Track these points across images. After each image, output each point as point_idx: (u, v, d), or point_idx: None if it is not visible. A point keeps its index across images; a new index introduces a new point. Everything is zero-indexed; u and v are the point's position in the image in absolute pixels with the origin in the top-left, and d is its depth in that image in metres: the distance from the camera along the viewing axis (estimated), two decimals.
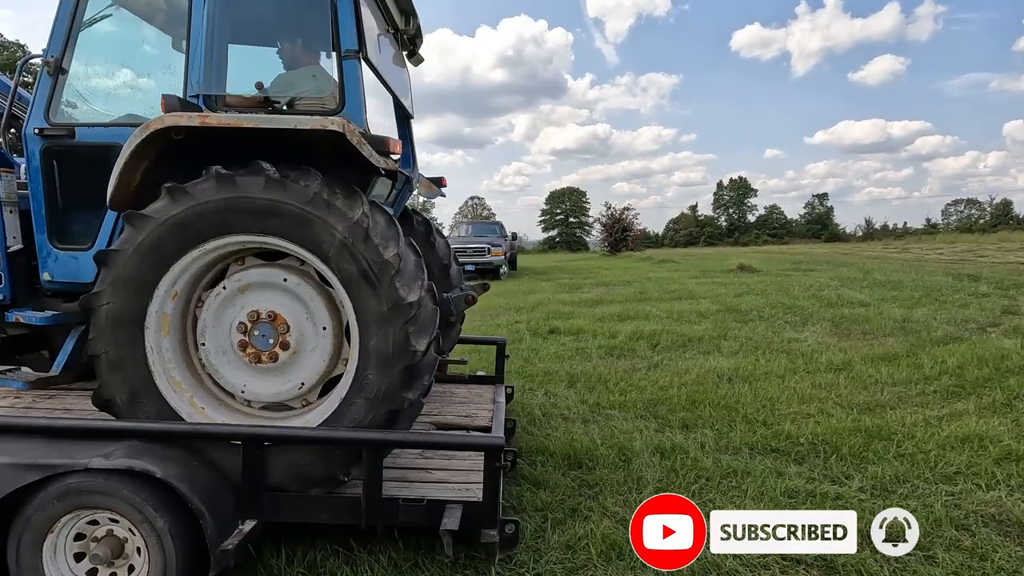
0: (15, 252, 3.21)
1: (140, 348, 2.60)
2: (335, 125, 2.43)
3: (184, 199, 2.52)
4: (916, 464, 3.81)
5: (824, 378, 5.85)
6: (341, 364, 2.77)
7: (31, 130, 3.02)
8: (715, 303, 11.22)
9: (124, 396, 2.62)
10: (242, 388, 2.74)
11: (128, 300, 2.57)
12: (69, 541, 2.39)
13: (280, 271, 2.69)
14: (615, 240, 35.41)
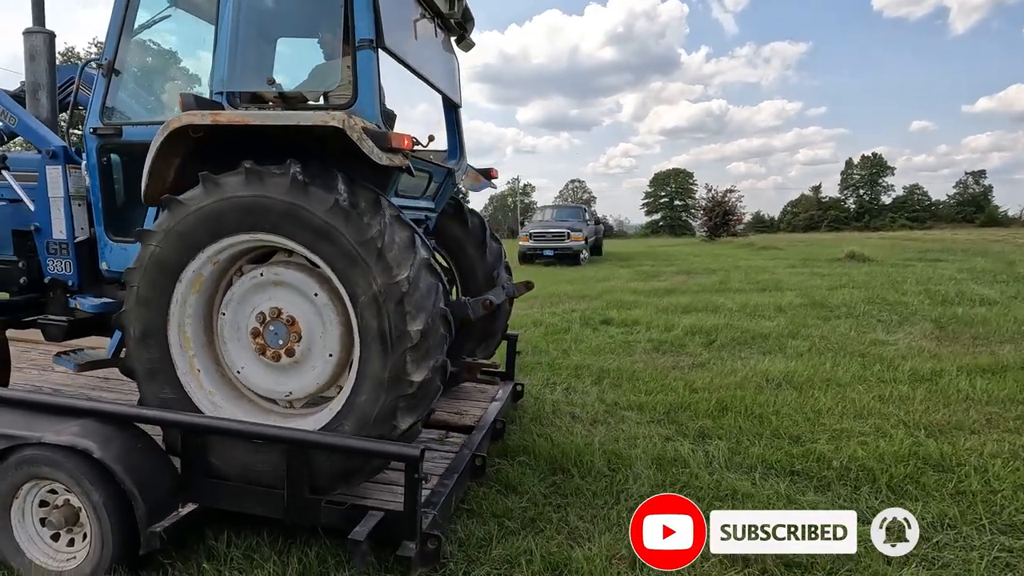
0: (81, 242, 3.49)
1: (168, 295, 2.69)
2: (335, 121, 2.38)
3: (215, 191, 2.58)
4: (974, 506, 3.10)
5: (898, 390, 5.00)
6: (335, 389, 2.78)
7: (88, 129, 3.24)
8: (801, 296, 10.11)
9: (137, 332, 2.71)
10: (239, 368, 2.81)
11: (174, 249, 2.65)
12: (35, 507, 2.62)
13: (315, 284, 2.66)
14: (715, 225, 33.23)
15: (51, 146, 3.42)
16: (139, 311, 2.69)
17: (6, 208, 3.73)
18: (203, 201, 2.55)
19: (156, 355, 2.71)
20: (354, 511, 2.51)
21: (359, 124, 2.43)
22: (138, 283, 2.67)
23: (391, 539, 2.48)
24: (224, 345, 2.81)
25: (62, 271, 3.52)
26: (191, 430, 2.63)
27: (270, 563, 2.59)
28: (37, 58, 3.70)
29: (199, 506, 2.65)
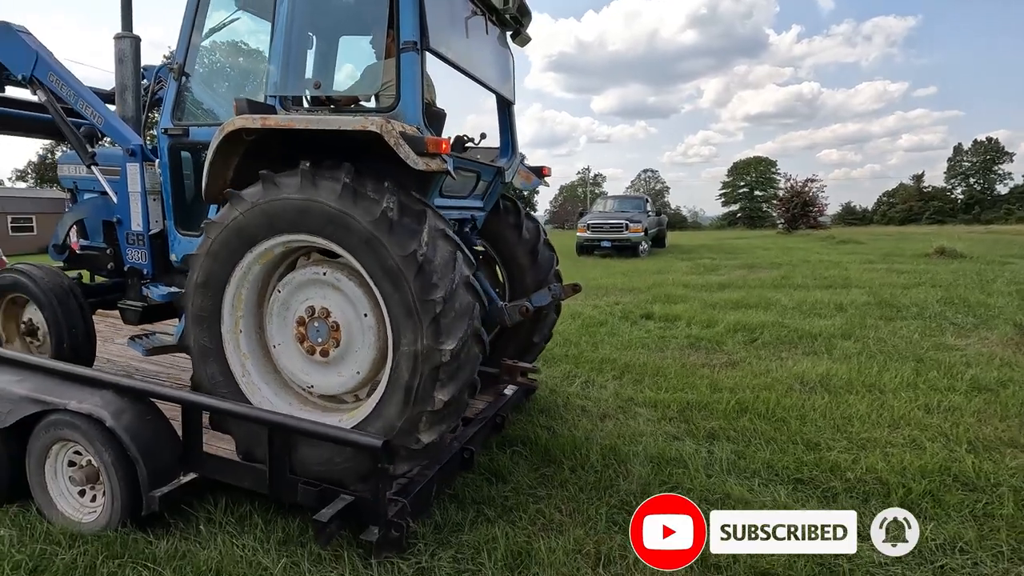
0: (155, 234, 3.74)
1: (223, 283, 2.84)
2: (373, 126, 2.47)
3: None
4: (998, 531, 2.80)
5: (951, 399, 4.55)
6: (352, 396, 2.93)
7: (160, 129, 3.46)
8: (869, 294, 9.36)
9: (194, 314, 2.89)
10: (275, 344, 2.95)
11: (232, 241, 2.78)
12: (64, 466, 2.98)
13: (367, 304, 2.74)
14: (792, 216, 31.23)
15: (130, 144, 3.68)
16: (196, 296, 2.88)
17: (97, 200, 4.06)
18: (261, 199, 2.68)
19: (208, 336, 2.89)
20: (328, 493, 2.66)
21: (396, 129, 2.48)
22: (198, 270, 2.85)
23: (358, 523, 2.62)
24: (270, 320, 2.94)
25: (139, 260, 3.81)
26: (191, 407, 2.88)
27: (258, 529, 2.80)
28: (125, 61, 3.99)
29: (198, 476, 2.91)
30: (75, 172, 4.24)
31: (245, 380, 2.94)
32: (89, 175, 3.99)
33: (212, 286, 2.85)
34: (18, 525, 2.85)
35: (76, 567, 2.52)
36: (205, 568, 2.48)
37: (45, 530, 2.78)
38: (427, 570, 2.54)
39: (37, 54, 3.84)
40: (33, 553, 2.59)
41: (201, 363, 2.94)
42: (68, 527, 2.79)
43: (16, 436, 2.94)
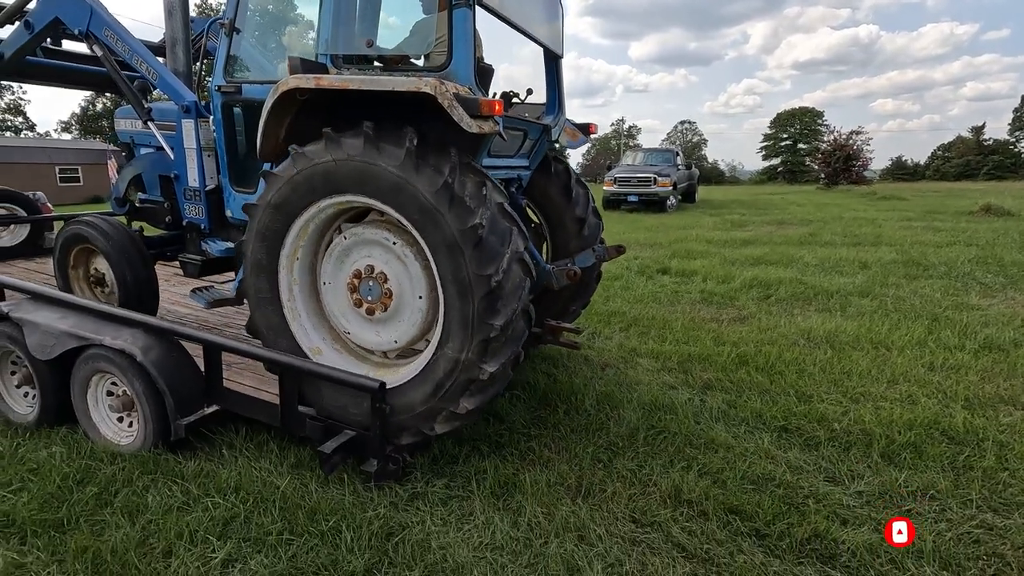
0: (211, 190, 3.78)
1: (282, 235, 2.91)
2: (427, 87, 2.42)
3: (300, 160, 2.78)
4: (973, 481, 2.88)
5: (958, 358, 4.53)
6: (392, 353, 3.06)
7: (213, 86, 3.44)
8: (897, 252, 9.10)
9: (253, 263, 2.99)
10: (326, 281, 3.03)
11: (292, 196, 2.83)
12: (104, 395, 3.32)
13: (424, 281, 2.79)
14: (833, 171, 29.86)
15: (185, 100, 3.68)
16: (256, 244, 2.97)
17: (154, 155, 4.14)
18: (323, 157, 2.70)
19: (265, 284, 3.01)
20: (332, 428, 2.92)
21: (450, 90, 2.43)
22: (258, 219, 2.93)
23: (359, 455, 2.87)
24: (325, 266, 3.01)
25: (196, 216, 3.89)
26: (212, 348, 3.14)
27: (273, 455, 3.10)
28: (174, 14, 3.96)
29: (219, 409, 3.20)
30: (132, 127, 4.34)
31: (296, 325, 3.07)
32: (145, 130, 4.05)
33: (270, 237, 2.94)
34: (67, 443, 3.22)
35: (116, 480, 2.86)
36: (226, 485, 2.79)
37: (89, 449, 3.14)
38: (421, 494, 2.79)
39: (92, 8, 3.88)
40: (80, 467, 2.95)
41: (258, 309, 3.08)
42: (109, 447, 3.14)
43: (60, 367, 3.28)
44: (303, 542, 2.41)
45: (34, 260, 6.20)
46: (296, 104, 2.80)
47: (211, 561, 2.31)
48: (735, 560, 2.32)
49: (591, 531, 2.50)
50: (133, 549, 2.35)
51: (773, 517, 2.58)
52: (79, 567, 2.26)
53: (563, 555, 2.35)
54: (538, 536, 2.48)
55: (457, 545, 2.41)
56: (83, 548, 2.35)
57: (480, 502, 2.72)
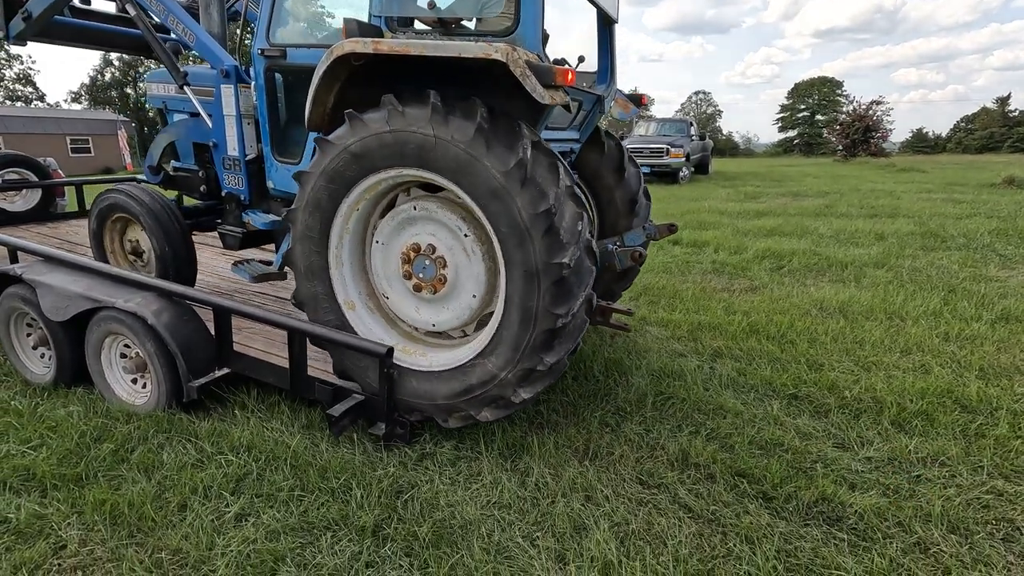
0: (251, 160, 3.61)
1: (334, 206, 2.80)
2: (498, 54, 2.24)
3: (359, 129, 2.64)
4: (984, 449, 2.86)
5: (975, 328, 4.46)
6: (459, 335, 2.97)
7: (256, 50, 3.25)
8: (915, 224, 8.92)
9: (301, 233, 2.89)
10: (379, 240, 2.92)
11: (348, 166, 2.71)
12: (117, 356, 3.37)
13: (482, 268, 2.71)
14: (852, 143, 29.14)
15: (224, 65, 3.47)
16: (305, 215, 2.85)
17: (189, 122, 3.96)
18: (383, 127, 2.54)
19: (314, 255, 2.91)
20: (341, 391, 2.94)
21: (522, 58, 2.26)
22: (310, 188, 2.79)
23: (368, 419, 2.90)
24: (383, 225, 2.89)
25: (236, 186, 3.71)
26: (222, 312, 3.16)
27: (284, 416, 3.14)
28: None
29: (230, 371, 3.24)
30: (164, 91, 4.15)
31: (340, 285, 2.96)
32: (179, 95, 3.88)
33: (323, 207, 2.81)
34: (84, 403, 3.28)
35: (132, 438, 2.91)
36: (239, 444, 2.83)
37: (105, 408, 3.20)
38: (430, 455, 2.82)
39: None
40: (97, 425, 3.01)
41: (305, 281, 2.99)
42: (124, 407, 3.20)
43: (74, 329, 3.32)
44: (314, 498, 2.45)
45: (46, 224, 6.25)
46: (347, 70, 2.63)
47: (225, 515, 2.36)
48: (741, 521, 2.33)
49: (598, 492, 2.52)
50: (149, 502, 2.40)
51: (780, 480, 2.58)
52: (97, 518, 2.32)
53: (570, 514, 2.37)
54: (545, 496, 2.51)
55: (465, 503, 2.45)
56: (101, 501, 2.40)
57: (488, 463, 2.74)
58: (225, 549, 2.15)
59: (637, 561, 2.11)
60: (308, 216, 2.86)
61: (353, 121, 2.63)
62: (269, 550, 2.14)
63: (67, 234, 5.81)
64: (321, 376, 3.06)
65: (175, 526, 2.30)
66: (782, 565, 2.11)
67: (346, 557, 2.13)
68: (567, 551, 2.19)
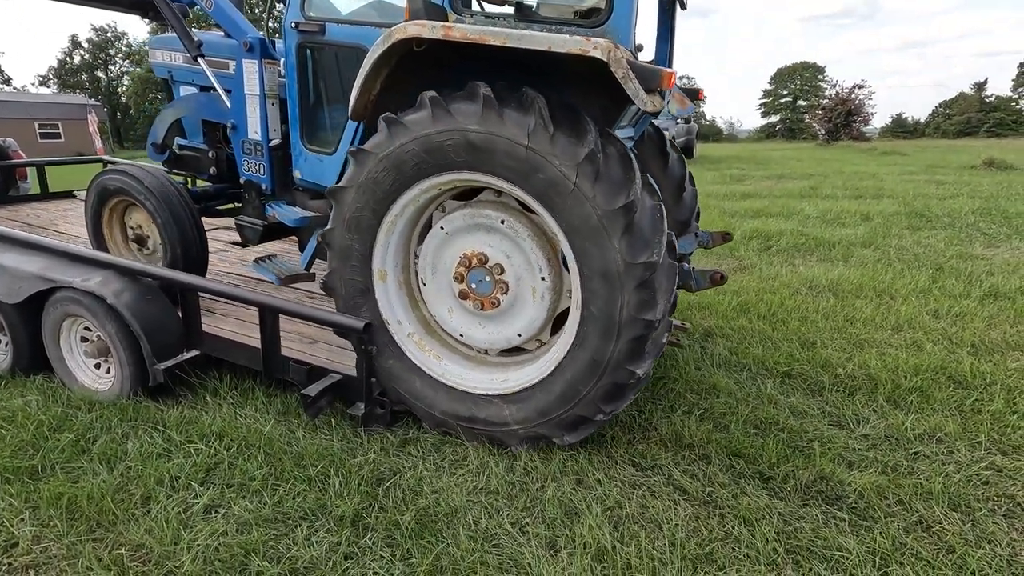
0: (275, 146, 3.24)
1: (377, 221, 2.55)
2: (598, 51, 2.00)
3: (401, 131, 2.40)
4: (981, 424, 2.80)
5: (964, 305, 4.43)
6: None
7: (288, 23, 2.88)
8: (900, 204, 8.94)
9: (341, 252, 2.62)
10: (424, 281, 2.71)
11: (391, 175, 2.45)
12: (78, 340, 3.17)
13: (545, 263, 2.46)
14: (835, 127, 29.31)
15: (248, 37, 3.10)
16: (344, 233, 2.57)
17: (200, 97, 3.59)
18: (429, 128, 2.30)
19: (359, 277, 2.64)
20: (317, 372, 2.79)
21: (625, 58, 2.03)
22: (347, 204, 2.53)
23: (347, 399, 2.75)
24: (424, 255, 2.67)
25: (256, 173, 3.32)
26: (187, 289, 2.97)
27: (259, 402, 2.98)
28: None
29: (199, 354, 3.06)
30: (170, 60, 3.74)
31: (398, 330, 2.72)
32: (189, 65, 3.53)
33: (362, 225, 2.54)
34: (43, 391, 3.08)
35: (94, 427, 2.73)
36: (209, 431, 2.67)
37: (67, 397, 3.01)
38: (413, 440, 2.69)
39: None
40: (56, 415, 2.81)
41: (349, 303, 2.70)
42: (86, 395, 3.01)
43: (30, 311, 3.11)
44: (289, 487, 2.31)
45: (5, 207, 5.93)
46: (398, 55, 2.34)
47: (193, 507, 2.20)
48: (739, 502, 2.24)
49: (589, 475, 2.41)
50: (110, 495, 2.23)
51: (777, 460, 2.50)
52: (53, 513, 2.15)
53: (560, 498, 2.26)
54: (534, 480, 2.39)
55: (450, 489, 2.32)
56: (58, 495, 2.23)
57: (475, 447, 2.62)
58: (192, 543, 2.00)
59: (632, 546, 2.01)
60: (347, 235, 2.58)
61: (393, 125, 2.36)
62: (240, 543, 2.00)
63: (27, 216, 5.52)
64: (296, 356, 2.90)
65: (138, 520, 2.14)
66: (783, 547, 2.02)
67: (323, 548, 2.00)
68: (558, 537, 2.08)
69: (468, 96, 2.23)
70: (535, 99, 2.17)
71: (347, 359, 2.93)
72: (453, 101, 2.25)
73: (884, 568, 1.93)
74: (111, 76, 53.64)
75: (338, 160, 2.91)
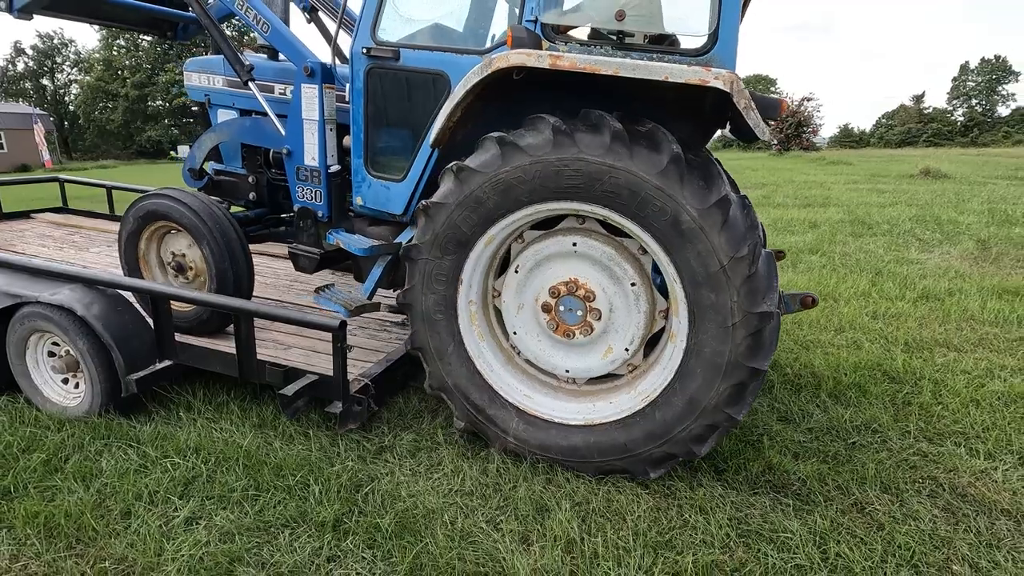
0: (334, 173, 3.17)
1: (470, 245, 2.53)
2: (720, 82, 1.98)
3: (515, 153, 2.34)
4: (910, 415, 3.09)
5: (899, 307, 4.80)
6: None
7: (358, 48, 2.82)
8: (845, 212, 9.49)
9: (428, 272, 2.59)
10: (515, 330, 2.71)
11: (493, 197, 2.41)
12: (44, 356, 3.15)
13: (644, 296, 2.48)
14: (786, 137, 30.67)
15: (308, 61, 3.04)
16: (433, 249, 2.54)
17: (243, 121, 3.51)
18: (503, 166, 2.29)
19: (442, 294, 2.60)
20: (293, 373, 2.86)
21: (746, 89, 2.02)
22: (427, 255, 2.52)
23: (324, 399, 2.83)
24: (508, 291, 2.68)
25: (312, 200, 3.23)
26: (158, 298, 2.99)
27: (234, 415, 3.02)
28: None
29: (172, 364, 3.08)
30: (208, 83, 3.67)
31: (481, 361, 2.69)
32: (229, 88, 3.48)
33: (455, 244, 2.50)
34: (8, 412, 3.04)
35: (65, 446, 2.73)
36: (185, 446, 2.71)
37: (34, 416, 2.99)
38: (388, 447, 2.79)
39: None
40: (24, 435, 2.80)
41: (427, 320, 2.66)
42: (55, 413, 2.99)
43: None
44: (270, 497, 2.38)
45: None
46: (486, 83, 2.32)
47: (173, 519, 2.25)
48: (695, 493, 2.43)
49: (558, 474, 2.56)
50: (89, 512, 2.26)
51: (730, 454, 2.70)
52: (30, 532, 2.17)
53: (532, 496, 2.40)
54: (507, 481, 2.53)
55: (427, 493, 2.43)
56: (33, 514, 2.25)
57: (448, 452, 2.74)
58: (176, 554, 2.05)
59: (599, 537, 2.17)
60: (428, 296, 2.59)
61: (506, 145, 2.32)
62: (223, 551, 2.07)
63: None
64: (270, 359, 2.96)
65: (119, 534, 2.18)
66: (735, 531, 2.22)
67: (306, 553, 2.08)
68: (531, 532, 2.22)
69: (593, 126, 2.21)
70: (668, 138, 2.16)
71: (322, 362, 3.01)
72: (577, 130, 2.23)
73: (823, 546, 2.15)
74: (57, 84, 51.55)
75: (406, 187, 2.88)
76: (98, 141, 46.49)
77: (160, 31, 4.12)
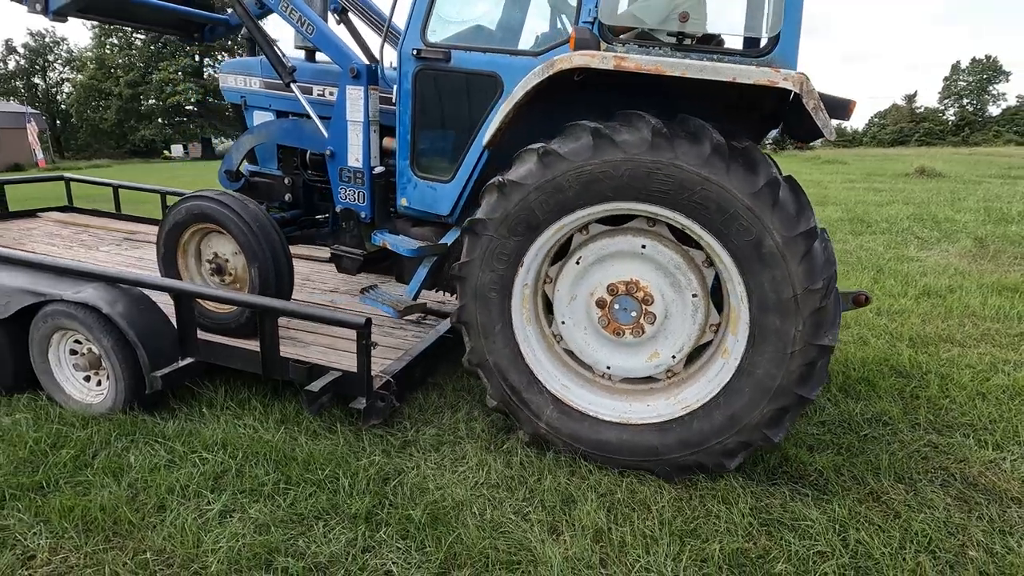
0: (378, 174, 3.16)
1: (522, 251, 2.55)
2: (789, 83, 2.00)
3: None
4: (919, 408, 3.17)
5: (902, 303, 4.88)
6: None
7: (408, 50, 2.81)
8: (843, 211, 9.60)
9: (480, 285, 2.62)
10: (564, 319, 2.71)
11: (545, 203, 2.44)
12: (67, 354, 3.17)
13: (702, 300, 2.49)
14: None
15: (353, 63, 3.05)
16: (482, 269, 2.57)
17: (282, 123, 3.52)
18: (592, 158, 2.27)
19: (500, 275, 2.60)
20: (317, 370, 2.90)
21: (816, 89, 2.02)
22: (493, 232, 2.52)
23: (347, 395, 2.88)
24: (562, 285, 2.69)
25: (355, 202, 3.22)
26: (183, 296, 3.04)
27: (257, 411, 3.06)
28: None
29: (195, 361, 3.11)
30: (244, 85, 3.67)
31: (526, 346, 2.71)
32: (265, 90, 3.50)
33: (509, 254, 2.52)
34: (31, 410, 3.07)
35: (92, 442, 2.76)
36: (211, 442, 2.75)
37: (58, 414, 3.02)
38: (412, 442, 2.84)
39: None
40: (50, 432, 2.83)
41: (485, 333, 2.69)
42: (78, 410, 3.02)
43: (16, 327, 3.10)
44: (300, 490, 2.42)
45: None
46: (544, 84, 2.34)
47: (208, 512, 2.29)
48: (716, 485, 2.49)
49: (581, 466, 2.62)
50: (124, 505, 2.30)
51: None
52: (67, 525, 2.20)
53: (557, 488, 2.46)
54: (531, 473, 2.58)
55: (454, 485, 2.48)
56: (68, 508, 2.28)
57: (472, 446, 2.79)
58: (214, 545, 2.10)
59: (626, 526, 2.23)
60: (485, 272, 2.59)
61: (549, 156, 2.34)
62: (261, 543, 2.11)
63: None
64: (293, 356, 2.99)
65: (155, 527, 2.22)
66: (756, 520, 2.28)
67: (342, 544, 2.13)
68: (559, 522, 2.27)
69: (693, 135, 2.20)
70: (765, 160, 2.17)
71: (341, 359, 3.05)
72: (676, 135, 2.21)
73: (843, 533, 2.21)
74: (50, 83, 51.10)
75: (454, 188, 2.89)
76: (91, 140, 46.10)
77: (188, 33, 4.14)
